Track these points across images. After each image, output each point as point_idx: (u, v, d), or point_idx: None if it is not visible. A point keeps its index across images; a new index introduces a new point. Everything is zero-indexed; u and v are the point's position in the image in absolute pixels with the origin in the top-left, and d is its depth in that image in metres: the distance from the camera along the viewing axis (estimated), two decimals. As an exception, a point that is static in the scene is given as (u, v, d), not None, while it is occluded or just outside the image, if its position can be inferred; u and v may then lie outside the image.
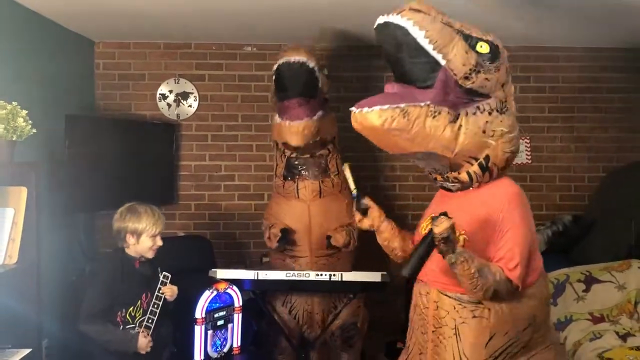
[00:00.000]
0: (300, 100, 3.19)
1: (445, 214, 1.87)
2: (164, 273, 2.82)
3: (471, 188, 2.16)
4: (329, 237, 3.38)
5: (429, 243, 1.87)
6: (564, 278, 3.69)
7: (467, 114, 2.02)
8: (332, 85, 3.69)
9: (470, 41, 2.03)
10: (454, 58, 1.96)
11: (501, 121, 2.08)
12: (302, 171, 3.45)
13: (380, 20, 1.95)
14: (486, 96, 2.06)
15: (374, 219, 2.30)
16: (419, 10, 1.91)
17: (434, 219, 1.85)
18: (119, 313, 2.67)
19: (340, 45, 4.31)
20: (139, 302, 2.74)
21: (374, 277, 3.09)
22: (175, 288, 2.83)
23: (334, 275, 3.17)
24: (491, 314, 2.07)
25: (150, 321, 2.72)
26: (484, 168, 2.10)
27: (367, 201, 2.31)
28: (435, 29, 1.92)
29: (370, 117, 1.90)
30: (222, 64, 4.37)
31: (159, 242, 2.76)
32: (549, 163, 4.46)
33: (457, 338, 2.10)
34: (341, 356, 3.61)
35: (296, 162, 3.46)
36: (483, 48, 2.05)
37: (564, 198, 4.46)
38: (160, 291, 2.77)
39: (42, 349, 2.86)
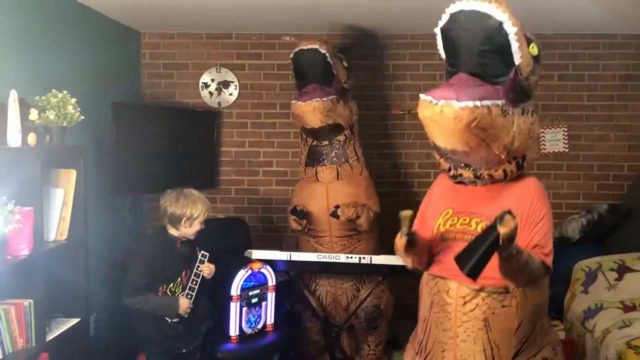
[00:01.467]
0: (315, 86, 3.38)
1: (509, 212, 1.78)
2: (202, 252, 2.97)
3: (497, 184, 2.14)
4: (336, 207, 3.45)
5: (493, 242, 1.77)
6: (596, 266, 3.69)
7: (519, 114, 1.98)
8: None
9: (528, 42, 2.01)
10: (524, 58, 1.92)
11: (537, 124, 2.13)
12: (322, 158, 3.60)
13: (466, 6, 1.81)
14: (529, 98, 2.08)
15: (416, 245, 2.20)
16: (502, 4, 1.82)
17: (497, 218, 1.77)
18: (161, 288, 2.84)
19: (375, 34, 4.38)
20: (179, 278, 2.89)
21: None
22: (212, 266, 2.97)
23: (364, 258, 3.29)
24: (518, 303, 2.11)
25: (189, 296, 2.88)
26: (520, 167, 2.12)
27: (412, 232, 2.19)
28: (519, 27, 1.84)
29: (462, 112, 1.76)
30: (262, 53, 4.50)
31: (203, 226, 2.93)
32: (587, 152, 4.41)
33: (487, 329, 2.12)
34: (366, 338, 3.71)
35: (316, 150, 3.61)
36: (534, 49, 2.06)
37: (602, 187, 4.41)
38: (199, 269, 2.93)
39: (90, 320, 3.08)
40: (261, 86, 4.52)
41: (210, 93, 4.51)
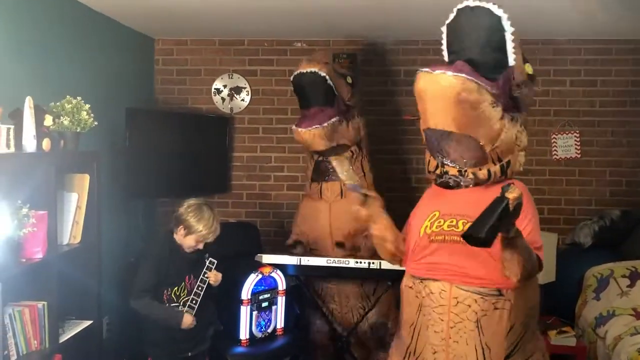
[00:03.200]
0: (315, 110, 3.36)
1: (513, 184, 1.87)
2: (210, 259, 2.95)
3: (480, 186, 2.20)
4: (339, 244, 3.51)
5: (503, 209, 1.81)
6: (608, 273, 3.67)
7: (509, 119, 2.13)
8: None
9: (524, 60, 2.21)
10: (518, 64, 2.12)
11: (525, 137, 2.24)
12: (328, 174, 3.56)
13: (471, 3, 2.04)
14: (520, 111, 2.21)
15: (373, 208, 2.32)
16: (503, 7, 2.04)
17: (504, 187, 1.83)
18: (165, 292, 2.84)
19: (387, 40, 4.40)
20: (183, 283, 2.89)
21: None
22: (219, 275, 2.95)
23: (373, 263, 3.29)
24: (510, 305, 2.13)
25: (194, 302, 2.87)
26: (503, 171, 2.19)
27: (365, 191, 2.36)
28: (518, 37, 2.06)
29: (455, 81, 1.93)
30: (273, 59, 4.54)
31: (200, 247, 2.88)
32: (599, 157, 4.39)
33: (479, 331, 2.14)
34: (376, 354, 3.67)
35: (323, 165, 3.59)
36: (529, 69, 2.24)
37: (615, 193, 4.39)
38: (206, 275, 2.91)
39: (102, 322, 3.13)
40: (273, 92, 4.56)
41: (223, 99, 4.56)
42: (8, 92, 2.63)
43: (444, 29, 2.17)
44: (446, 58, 2.19)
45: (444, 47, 2.20)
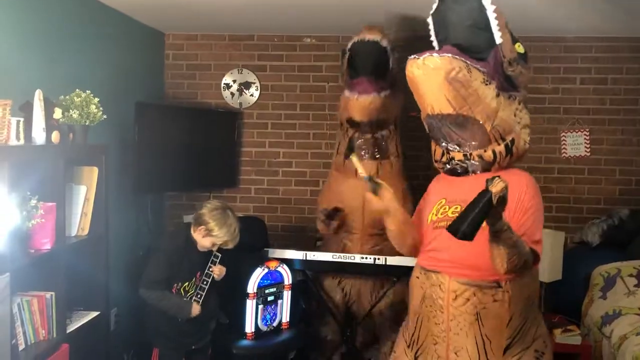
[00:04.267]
0: (370, 78, 3.25)
1: (498, 177, 1.86)
2: (214, 253, 2.98)
3: (489, 171, 2.21)
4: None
5: (485, 203, 1.82)
6: (615, 272, 3.66)
7: (506, 97, 2.18)
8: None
9: (512, 37, 2.22)
10: (506, 42, 2.15)
11: (525, 114, 2.27)
12: (362, 151, 3.47)
13: None
14: (517, 89, 2.24)
15: (386, 199, 2.25)
16: None
17: (488, 180, 1.85)
18: (175, 285, 2.88)
19: (394, 37, 4.39)
20: (194, 278, 2.93)
21: (417, 261, 3.19)
22: (223, 269, 2.98)
23: (379, 259, 3.31)
24: (510, 297, 2.15)
25: (199, 296, 2.91)
26: (508, 149, 2.21)
27: (379, 181, 2.29)
28: (500, 10, 2.10)
29: (441, 61, 1.99)
30: (283, 55, 4.55)
31: (214, 249, 2.92)
32: (609, 156, 4.36)
33: (479, 323, 2.16)
34: (391, 337, 3.69)
35: (358, 143, 3.48)
36: (520, 48, 2.25)
37: (624, 192, 4.35)
38: (210, 269, 2.95)
39: (110, 314, 3.16)
40: (282, 87, 4.57)
41: (232, 94, 4.58)
42: (18, 85, 2.66)
43: (429, 19, 2.24)
44: (436, 44, 2.26)
45: (433, 37, 2.27)
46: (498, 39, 2.12)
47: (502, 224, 1.91)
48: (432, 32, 2.27)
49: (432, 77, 2.03)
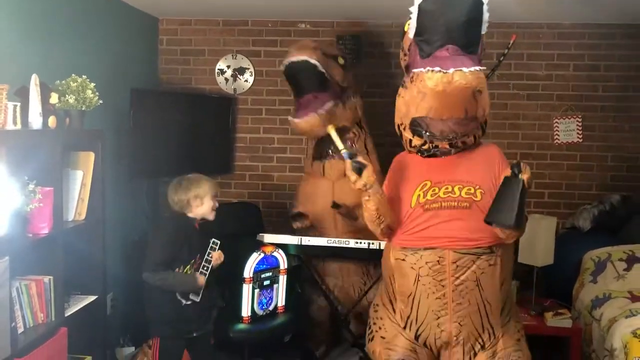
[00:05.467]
0: (309, 97, 3.36)
1: (520, 162, 2.05)
2: (213, 239, 3.00)
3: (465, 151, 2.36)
4: (335, 205, 3.49)
5: (522, 191, 1.95)
6: (605, 256, 3.71)
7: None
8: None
9: None
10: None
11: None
12: (330, 152, 3.56)
13: None
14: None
15: (369, 177, 2.26)
16: None
17: (514, 167, 1.98)
18: (177, 269, 2.87)
19: (389, 22, 4.40)
20: (193, 260, 2.94)
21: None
22: (222, 255, 3.01)
23: (373, 243, 3.34)
24: (501, 261, 2.30)
25: (205, 268, 2.92)
26: (483, 130, 2.38)
27: (361, 159, 2.30)
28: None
29: (471, 77, 2.03)
30: (277, 40, 4.54)
31: (216, 203, 2.99)
32: (600, 142, 4.39)
33: (479, 288, 2.29)
34: None
35: (324, 144, 3.57)
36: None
37: (616, 178, 4.40)
38: (210, 255, 2.97)
39: (106, 298, 3.18)
40: (276, 73, 4.54)
41: (226, 79, 4.58)
42: (14, 70, 2.66)
43: (413, 8, 2.14)
44: (412, 35, 2.20)
45: (412, 24, 2.17)
46: (484, 29, 2.20)
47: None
48: (413, 20, 2.18)
49: (461, 92, 2.07)
